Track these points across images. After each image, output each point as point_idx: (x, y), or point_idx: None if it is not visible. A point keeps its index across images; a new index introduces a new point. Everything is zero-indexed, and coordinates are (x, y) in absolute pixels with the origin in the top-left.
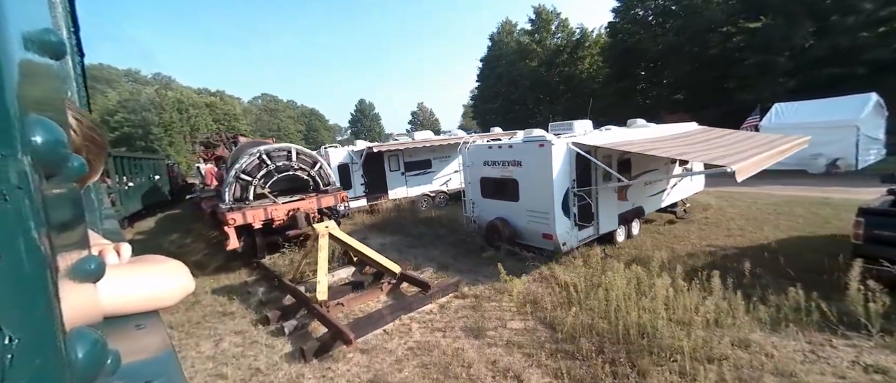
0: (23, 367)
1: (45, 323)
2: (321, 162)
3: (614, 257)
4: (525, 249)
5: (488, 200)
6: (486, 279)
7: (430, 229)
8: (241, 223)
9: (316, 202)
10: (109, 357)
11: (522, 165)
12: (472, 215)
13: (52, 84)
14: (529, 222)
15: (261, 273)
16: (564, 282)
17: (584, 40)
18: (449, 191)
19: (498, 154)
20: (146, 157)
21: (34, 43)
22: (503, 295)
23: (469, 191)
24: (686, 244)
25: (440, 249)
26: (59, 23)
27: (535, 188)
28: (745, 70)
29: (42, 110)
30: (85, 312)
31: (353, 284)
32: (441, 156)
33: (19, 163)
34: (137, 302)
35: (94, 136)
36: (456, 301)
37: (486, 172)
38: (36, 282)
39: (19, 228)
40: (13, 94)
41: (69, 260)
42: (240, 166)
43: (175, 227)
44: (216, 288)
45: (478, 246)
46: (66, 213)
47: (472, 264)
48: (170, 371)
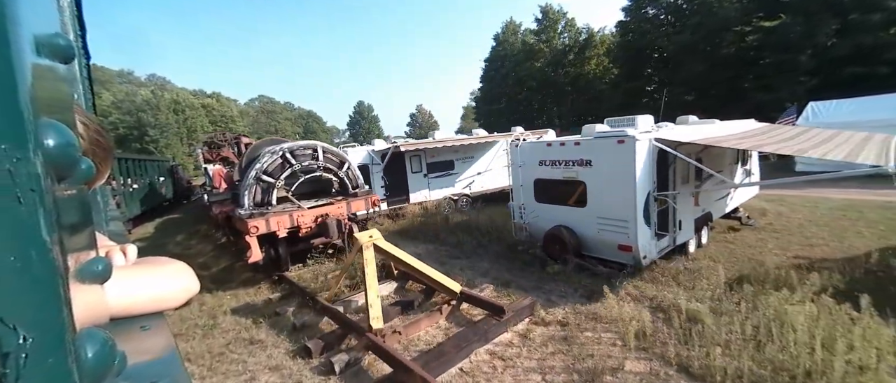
0: (36, 366)
1: (56, 324)
2: (349, 161)
3: (696, 270)
4: (600, 263)
5: (544, 205)
6: (561, 299)
7: (469, 236)
8: (264, 231)
9: (346, 207)
10: (117, 357)
11: (593, 165)
12: (523, 222)
13: (62, 87)
14: (600, 231)
15: (285, 288)
16: (674, 307)
17: (591, 40)
18: (472, 195)
19: (559, 152)
20: (150, 159)
21: (45, 47)
22: (597, 324)
23: (519, 195)
24: (766, 254)
25: (488, 261)
26: (67, 26)
27: (609, 191)
28: (762, 69)
29: (53, 113)
30: (93, 313)
31: (402, 304)
32: (464, 157)
33: (32, 166)
34: (142, 304)
35: (101, 139)
36: (537, 328)
37: (542, 173)
38: (48, 282)
39: (33, 230)
40: (26, 97)
41: (78, 261)
42: (261, 166)
43: (178, 232)
44: (236, 308)
45: (533, 257)
46: (76, 215)
47: (534, 280)
48: (174, 372)
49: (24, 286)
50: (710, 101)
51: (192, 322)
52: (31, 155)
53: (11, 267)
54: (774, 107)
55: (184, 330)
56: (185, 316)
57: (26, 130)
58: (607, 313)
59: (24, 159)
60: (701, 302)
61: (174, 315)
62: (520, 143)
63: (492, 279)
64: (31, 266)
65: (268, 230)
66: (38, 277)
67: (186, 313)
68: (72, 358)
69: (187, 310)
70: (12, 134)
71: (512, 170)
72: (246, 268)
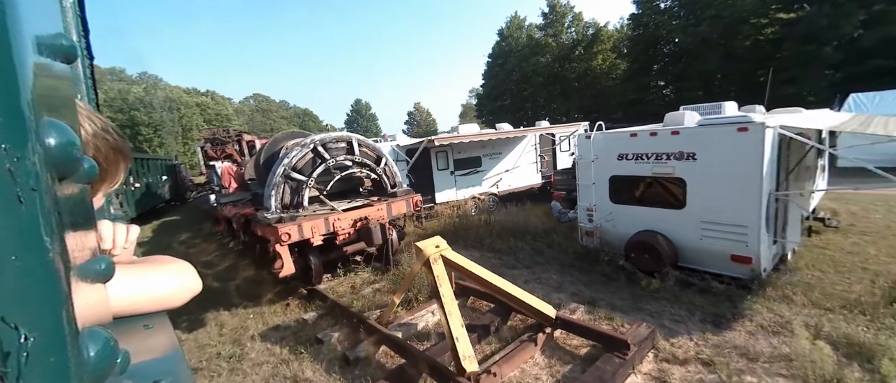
0: (38, 365)
1: (59, 323)
2: (387, 157)
3: (814, 285)
4: (714, 278)
5: (624, 207)
6: (678, 325)
7: (520, 241)
8: (296, 239)
9: (386, 209)
10: (120, 356)
11: (698, 159)
12: (592, 226)
13: (64, 87)
14: (704, 238)
15: (320, 305)
16: (852, 341)
17: (600, 34)
18: (499, 194)
19: (649, 144)
20: (153, 158)
21: (47, 47)
22: (754, 364)
23: (587, 195)
24: (876, 262)
25: (556, 272)
26: (70, 26)
27: (720, 190)
28: (784, 62)
29: (55, 113)
30: (95, 312)
31: (476, 330)
32: (491, 153)
33: (33, 166)
34: (145, 303)
35: (108, 138)
36: (672, 368)
37: (621, 169)
38: (49, 282)
39: (34, 229)
40: (28, 97)
41: (80, 260)
42: (290, 162)
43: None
44: (266, 332)
45: (616, 268)
46: (78, 214)
47: (627, 298)
48: (177, 370)
49: (25, 285)
50: (728, 96)
51: (213, 350)
52: (32, 154)
53: (13, 266)
54: (796, 101)
55: (204, 362)
56: (204, 343)
57: (28, 130)
58: (757, 346)
59: (24, 158)
60: (879, 330)
61: (191, 341)
62: (592, 135)
63: (571, 295)
64: (32, 265)
65: (301, 237)
66: (40, 277)
67: (204, 338)
68: (73, 357)
69: (205, 335)
70: (13, 133)
71: (579, 166)
72: (269, 280)
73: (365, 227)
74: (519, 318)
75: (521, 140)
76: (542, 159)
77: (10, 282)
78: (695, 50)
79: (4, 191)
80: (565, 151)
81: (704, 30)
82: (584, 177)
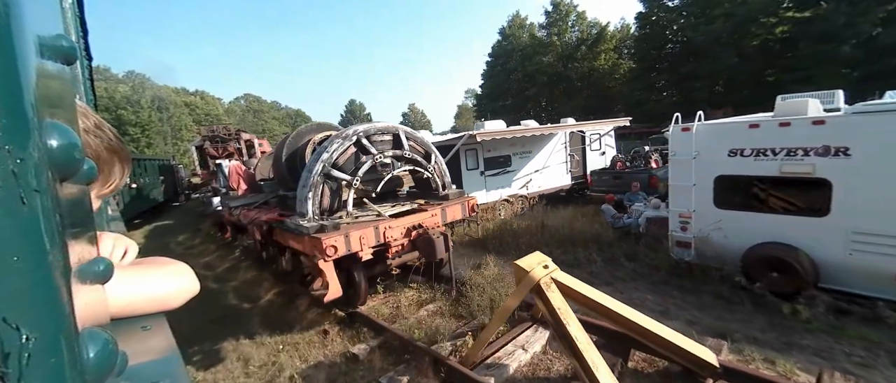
0: (38, 366)
1: (59, 324)
2: (436, 153)
3: None
4: (877, 304)
5: (735, 213)
6: (867, 371)
7: (585, 251)
8: (342, 253)
9: (440, 215)
10: (118, 357)
11: (852, 155)
12: (689, 236)
13: (65, 88)
14: (855, 253)
15: (366, 333)
16: None
17: (604, 33)
18: (529, 195)
19: (776, 137)
20: (149, 159)
21: (48, 48)
22: None
23: (684, 199)
24: None
25: (649, 291)
26: (69, 27)
27: (884, 195)
28: (799, 61)
29: (56, 114)
30: (94, 313)
31: None
32: (522, 152)
33: (36, 167)
34: (143, 304)
35: (101, 135)
36: None
37: (733, 168)
38: (51, 282)
39: (35, 230)
40: (30, 99)
41: (80, 261)
42: (329, 158)
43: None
44: (307, 371)
45: (722, 283)
46: (78, 216)
47: (765, 328)
48: (175, 372)
49: (26, 286)
50: (740, 95)
51: None
52: (35, 156)
53: (14, 267)
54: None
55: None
56: None
57: (31, 131)
58: None
59: (28, 160)
60: None
61: None
62: (692, 126)
63: (688, 324)
64: (33, 266)
65: (348, 250)
66: (41, 277)
67: (225, 379)
68: (74, 358)
69: (226, 375)
70: (17, 135)
71: (671, 164)
72: (295, 299)
73: (425, 238)
74: (639, 356)
75: (550, 138)
76: (572, 158)
77: (12, 283)
78: (706, 49)
79: (7, 192)
80: (596, 151)
81: (717, 28)
82: (680, 178)
